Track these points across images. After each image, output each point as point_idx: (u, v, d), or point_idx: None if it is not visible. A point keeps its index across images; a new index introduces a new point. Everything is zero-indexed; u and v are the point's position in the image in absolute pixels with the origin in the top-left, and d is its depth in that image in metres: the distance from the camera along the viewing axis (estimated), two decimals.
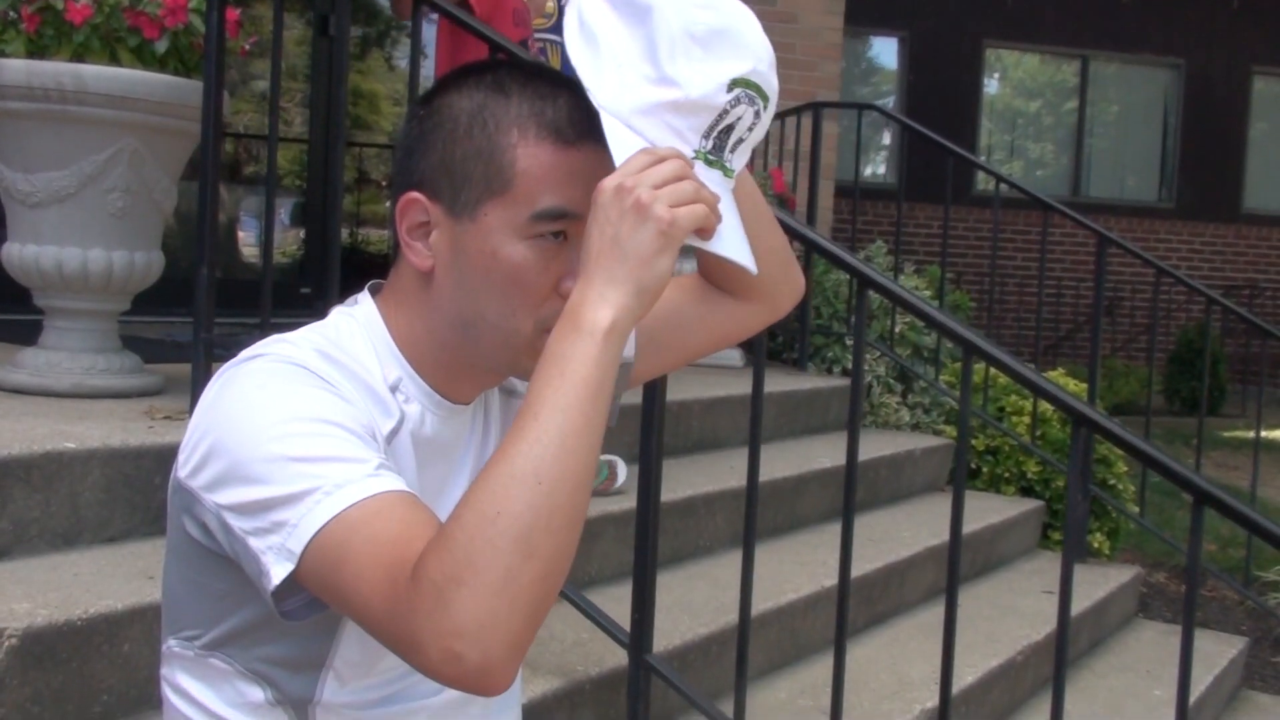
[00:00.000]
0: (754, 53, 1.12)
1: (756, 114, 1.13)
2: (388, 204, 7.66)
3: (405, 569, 0.99)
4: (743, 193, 1.22)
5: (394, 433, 1.19)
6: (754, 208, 1.28)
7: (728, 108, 1.11)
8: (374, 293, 1.27)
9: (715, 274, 1.37)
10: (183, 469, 1.13)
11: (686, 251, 1.13)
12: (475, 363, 1.22)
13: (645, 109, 1.10)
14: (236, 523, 1.07)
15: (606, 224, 1.06)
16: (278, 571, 1.05)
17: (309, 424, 1.08)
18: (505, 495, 0.98)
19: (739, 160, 1.16)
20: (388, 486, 1.05)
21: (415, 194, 1.18)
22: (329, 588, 1.05)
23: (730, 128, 1.12)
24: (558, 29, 3.33)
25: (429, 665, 0.98)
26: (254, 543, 1.06)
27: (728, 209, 1.13)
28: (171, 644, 1.23)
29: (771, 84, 1.14)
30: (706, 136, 1.12)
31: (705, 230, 1.09)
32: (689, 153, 1.11)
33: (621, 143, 1.10)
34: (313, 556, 1.03)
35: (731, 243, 1.12)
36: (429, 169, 1.17)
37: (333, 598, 1.06)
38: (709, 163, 1.12)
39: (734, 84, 1.10)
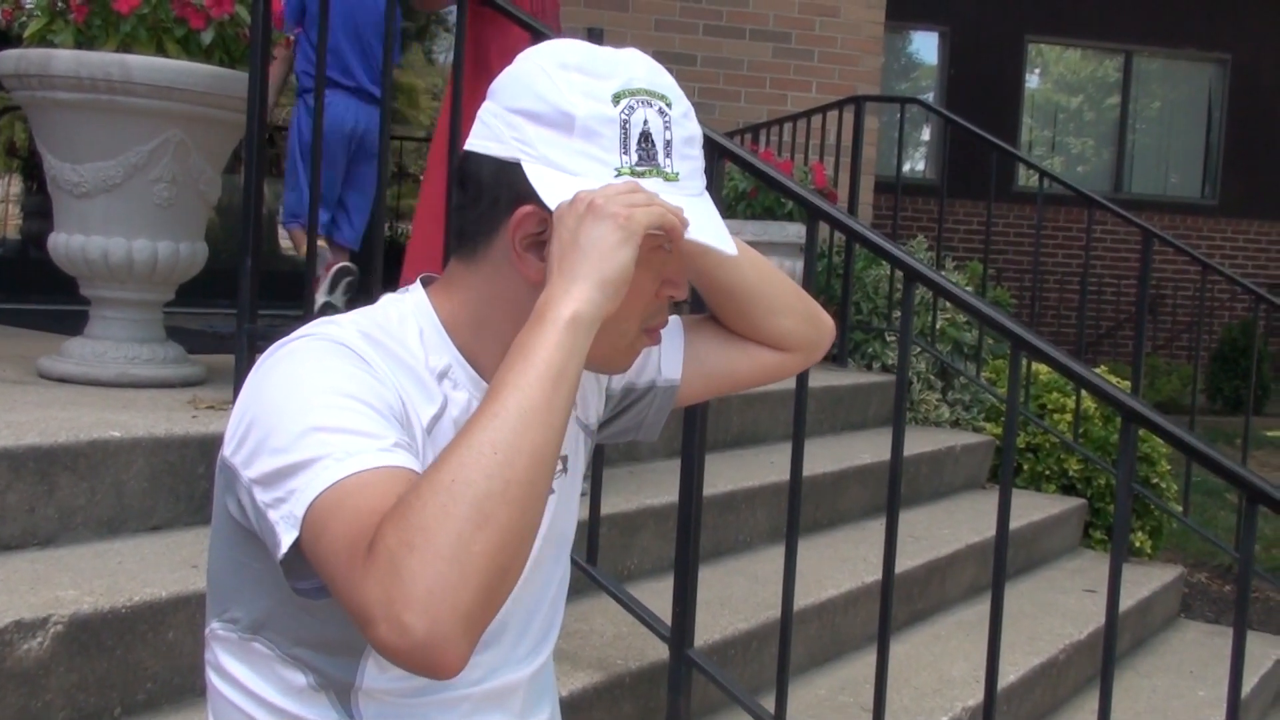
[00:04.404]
0: (626, 66, 1.17)
1: (660, 112, 1.17)
2: None
3: (367, 540, 0.99)
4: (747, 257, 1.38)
5: (436, 419, 1.19)
6: (758, 269, 1.41)
7: (624, 117, 1.15)
8: (425, 285, 1.28)
9: (749, 331, 1.45)
10: (227, 446, 1.15)
11: None
12: None
13: (552, 144, 1.15)
14: (260, 496, 1.08)
15: (564, 230, 1.12)
16: (286, 539, 1.05)
17: (335, 397, 1.09)
18: (460, 464, 1.00)
19: (681, 163, 1.19)
20: (395, 463, 1.05)
21: (532, 207, 1.17)
22: (314, 557, 1.04)
23: (646, 134, 1.16)
24: None
25: (378, 638, 0.97)
26: (271, 514, 1.07)
27: (699, 208, 1.18)
28: (215, 626, 1.24)
29: (659, 83, 1.18)
30: (625, 151, 1.15)
31: (672, 230, 1.14)
32: (611, 171, 1.15)
33: (541, 179, 1.14)
34: (309, 523, 1.03)
35: (707, 231, 1.18)
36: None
37: (318, 569, 1.05)
38: (637, 174, 1.16)
39: (617, 98, 1.15)
